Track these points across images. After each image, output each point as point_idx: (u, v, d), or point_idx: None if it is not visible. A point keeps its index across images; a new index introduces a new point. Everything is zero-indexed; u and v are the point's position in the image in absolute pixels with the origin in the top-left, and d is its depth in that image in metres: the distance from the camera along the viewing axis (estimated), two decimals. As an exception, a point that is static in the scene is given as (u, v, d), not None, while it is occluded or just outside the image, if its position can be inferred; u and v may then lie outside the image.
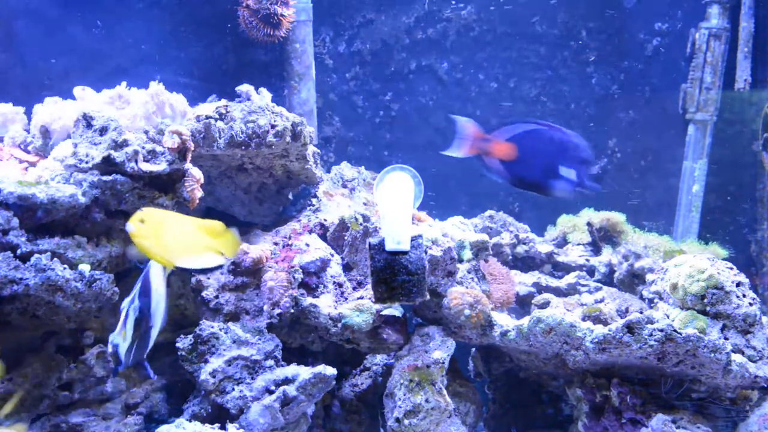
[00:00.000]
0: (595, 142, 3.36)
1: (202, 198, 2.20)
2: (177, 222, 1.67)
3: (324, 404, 2.32)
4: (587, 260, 2.77)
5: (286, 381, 2.04)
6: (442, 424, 2.00)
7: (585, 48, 3.29)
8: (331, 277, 2.33)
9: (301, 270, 2.26)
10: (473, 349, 2.63)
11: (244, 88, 2.52)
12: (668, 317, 2.12)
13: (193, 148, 2.14)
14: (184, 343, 2.13)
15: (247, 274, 2.26)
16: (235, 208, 2.73)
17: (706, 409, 2.03)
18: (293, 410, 2.01)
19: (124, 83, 2.34)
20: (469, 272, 2.31)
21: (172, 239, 1.62)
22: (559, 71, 3.31)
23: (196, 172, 2.17)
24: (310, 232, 2.48)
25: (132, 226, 1.56)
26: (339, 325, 2.17)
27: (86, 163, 1.96)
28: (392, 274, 1.94)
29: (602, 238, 2.78)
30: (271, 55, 3.07)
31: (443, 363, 2.09)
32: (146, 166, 2.00)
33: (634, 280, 2.57)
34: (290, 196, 2.79)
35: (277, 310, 2.19)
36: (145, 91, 2.30)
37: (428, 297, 2.05)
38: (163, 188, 2.09)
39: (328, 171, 2.92)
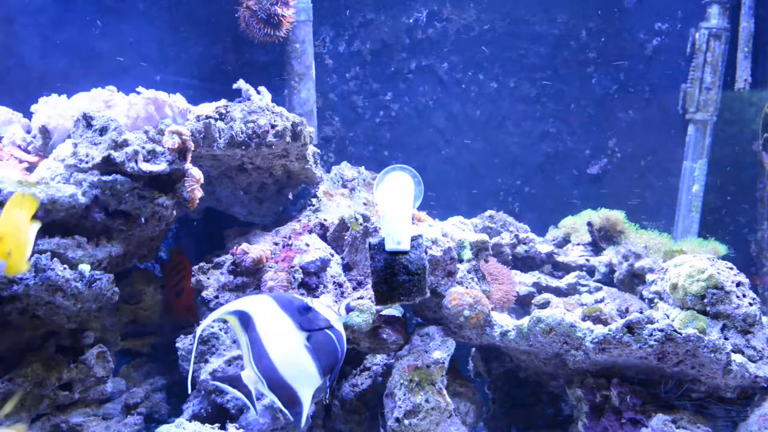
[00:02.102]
0: (595, 142, 3.36)
1: (202, 198, 2.20)
2: None
3: (324, 404, 2.32)
4: (587, 260, 2.77)
5: (286, 381, 2.04)
6: (442, 424, 2.00)
7: (585, 48, 3.29)
8: (331, 277, 2.33)
9: (301, 270, 2.26)
10: (473, 349, 2.63)
11: (243, 85, 2.52)
12: (668, 317, 2.12)
13: (193, 148, 2.14)
14: (184, 343, 2.13)
15: (247, 274, 2.26)
16: (235, 208, 2.74)
17: (706, 409, 2.03)
18: (293, 410, 2.00)
19: (111, 87, 2.34)
20: (469, 272, 2.31)
21: None
22: (559, 71, 3.32)
23: (196, 172, 2.17)
24: (310, 232, 2.48)
25: None
26: (339, 325, 2.17)
27: (86, 163, 1.96)
28: (392, 274, 1.94)
29: (602, 238, 2.78)
30: (271, 55, 3.07)
31: (443, 363, 2.09)
32: (146, 166, 2.00)
33: (634, 280, 2.57)
34: (290, 196, 2.79)
35: (277, 310, 2.18)
36: (144, 92, 2.30)
37: (428, 296, 2.05)
38: (163, 188, 2.09)
39: (328, 171, 2.92)
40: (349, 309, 1.50)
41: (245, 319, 1.39)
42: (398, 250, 1.93)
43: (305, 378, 1.41)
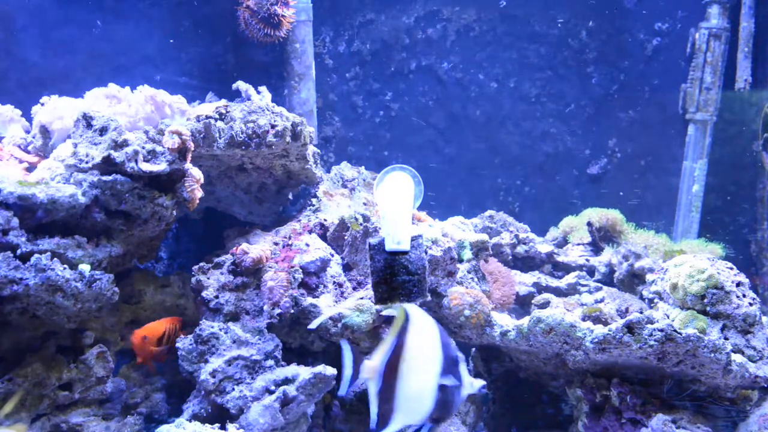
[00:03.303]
0: (595, 142, 3.36)
1: (202, 198, 2.20)
2: None
3: (324, 404, 2.32)
4: (587, 260, 2.77)
5: (286, 381, 2.04)
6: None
7: (585, 48, 3.29)
8: (331, 277, 2.33)
9: (301, 270, 2.26)
10: (473, 349, 2.63)
11: (243, 86, 2.52)
12: (668, 317, 2.12)
13: (193, 148, 2.14)
14: (184, 343, 2.13)
15: (247, 274, 2.26)
16: (235, 208, 2.73)
17: (706, 409, 2.03)
18: (293, 410, 2.01)
19: (112, 85, 2.34)
20: (469, 272, 2.31)
21: None
22: (559, 71, 3.32)
23: (196, 172, 2.17)
24: (310, 232, 2.48)
25: None
26: (339, 325, 2.17)
27: (86, 163, 1.96)
28: (392, 274, 1.94)
29: (602, 238, 2.78)
30: (271, 55, 3.07)
31: (443, 363, 2.09)
32: (146, 166, 2.00)
33: (634, 280, 2.57)
34: (290, 196, 2.79)
35: (277, 310, 2.19)
36: (144, 91, 2.30)
37: (429, 297, 2.05)
38: (163, 188, 2.09)
39: (328, 171, 2.92)
40: (481, 392, 1.48)
41: (406, 322, 1.38)
42: (398, 250, 1.93)
43: (412, 411, 1.37)
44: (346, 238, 2.38)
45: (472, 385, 1.43)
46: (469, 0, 3.27)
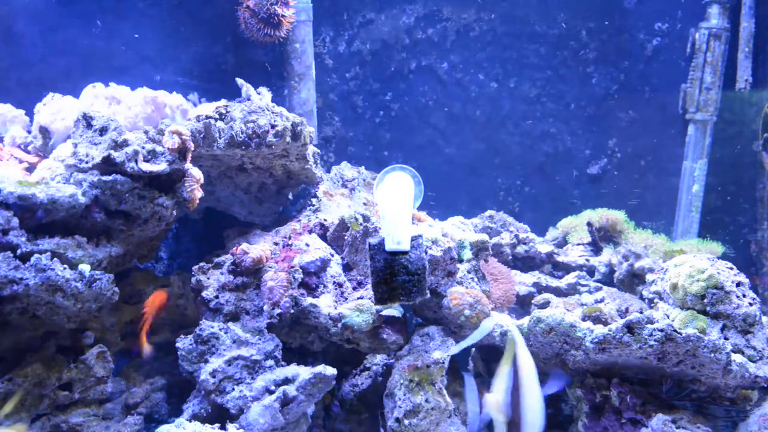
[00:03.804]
0: (595, 142, 3.36)
1: (202, 198, 2.20)
2: None
3: (324, 404, 2.32)
4: (587, 260, 2.77)
5: (286, 381, 2.04)
6: (442, 423, 2.00)
7: (585, 48, 3.29)
8: (331, 277, 2.33)
9: (301, 270, 2.26)
10: (473, 350, 2.63)
11: (243, 84, 2.51)
12: (668, 317, 2.12)
13: (193, 148, 2.14)
14: (184, 343, 2.13)
15: (247, 274, 2.26)
16: (235, 208, 2.74)
17: (706, 409, 2.03)
18: (293, 410, 2.01)
19: (113, 84, 2.34)
20: (469, 272, 2.31)
21: None
22: (559, 71, 3.32)
23: (196, 172, 2.17)
24: (310, 232, 2.48)
25: None
26: (339, 325, 2.17)
27: (86, 163, 1.96)
28: (392, 274, 1.94)
29: (602, 238, 2.78)
30: (271, 55, 3.07)
31: (443, 363, 2.09)
32: (146, 166, 2.00)
33: (634, 280, 2.57)
34: (290, 196, 2.79)
35: (277, 310, 2.19)
36: (144, 91, 2.30)
37: (429, 296, 2.05)
38: (163, 188, 2.09)
39: (328, 171, 2.92)
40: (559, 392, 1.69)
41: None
42: (398, 250, 1.93)
43: (534, 428, 1.52)
44: (346, 238, 2.38)
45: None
46: (469, 0, 3.27)
